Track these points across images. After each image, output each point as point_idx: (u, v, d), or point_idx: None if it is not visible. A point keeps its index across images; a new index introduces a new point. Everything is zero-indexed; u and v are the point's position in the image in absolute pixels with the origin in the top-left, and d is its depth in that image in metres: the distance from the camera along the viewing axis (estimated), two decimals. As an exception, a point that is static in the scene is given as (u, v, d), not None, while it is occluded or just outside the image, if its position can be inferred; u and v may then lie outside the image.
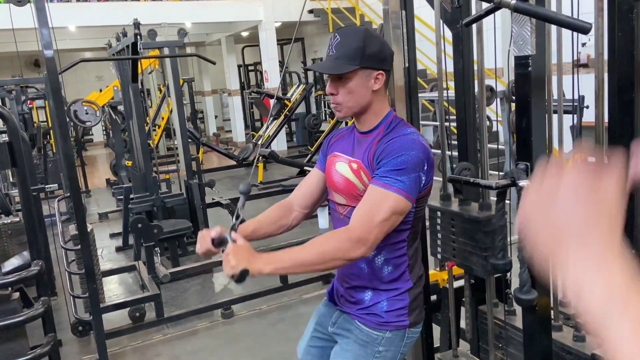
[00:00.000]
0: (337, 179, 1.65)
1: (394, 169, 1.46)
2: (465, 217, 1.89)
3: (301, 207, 1.76)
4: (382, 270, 1.61)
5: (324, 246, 1.42)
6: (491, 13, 1.66)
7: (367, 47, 1.50)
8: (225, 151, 9.57)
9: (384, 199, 1.44)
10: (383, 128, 1.58)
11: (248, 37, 13.03)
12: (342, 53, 1.51)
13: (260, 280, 4.38)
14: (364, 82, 1.53)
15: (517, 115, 1.62)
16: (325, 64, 1.55)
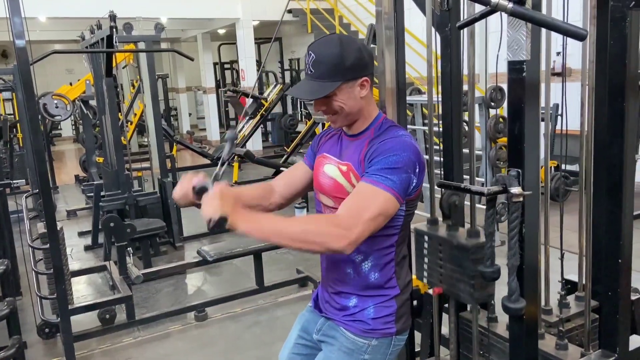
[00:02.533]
0: (325, 181, 1.60)
1: (386, 167, 1.42)
2: (453, 243, 1.87)
3: (281, 195, 1.71)
4: (368, 276, 1.57)
5: (308, 225, 1.38)
6: (486, 16, 1.64)
7: (345, 59, 1.44)
8: (200, 149, 9.42)
9: (373, 196, 1.39)
10: (373, 130, 1.55)
11: (225, 34, 12.89)
12: (321, 72, 1.45)
13: (236, 282, 4.31)
14: (350, 93, 1.49)
15: (510, 121, 1.60)
16: (304, 87, 1.50)
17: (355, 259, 1.56)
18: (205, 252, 3.64)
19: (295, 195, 1.75)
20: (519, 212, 1.56)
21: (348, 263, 1.58)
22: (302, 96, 1.52)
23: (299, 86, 1.55)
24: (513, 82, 1.57)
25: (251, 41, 10.37)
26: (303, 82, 1.52)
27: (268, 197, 1.69)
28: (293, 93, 1.55)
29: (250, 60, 10.44)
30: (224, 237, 5.62)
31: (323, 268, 1.70)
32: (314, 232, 1.34)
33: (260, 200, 1.67)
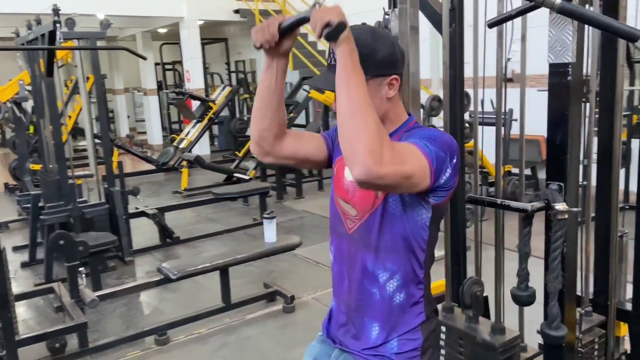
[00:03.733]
0: (349, 187, 1.41)
1: (425, 137, 1.26)
2: (477, 340, 1.70)
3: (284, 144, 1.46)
4: (393, 297, 1.38)
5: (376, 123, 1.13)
6: (523, 14, 1.48)
7: (376, 52, 1.28)
8: (142, 154, 8.92)
9: (414, 154, 1.21)
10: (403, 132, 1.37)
11: (166, 34, 12.35)
12: None
13: (198, 299, 3.99)
14: (376, 92, 1.31)
15: (551, 130, 1.45)
16: (326, 78, 1.30)
17: (380, 277, 1.37)
18: (167, 270, 3.32)
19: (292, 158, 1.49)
20: (563, 230, 1.41)
21: (373, 282, 1.38)
22: (323, 85, 1.34)
23: (320, 77, 1.37)
24: (556, 86, 1.42)
25: (197, 41, 9.96)
26: (323, 74, 1.34)
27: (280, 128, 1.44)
28: (313, 83, 1.37)
29: (195, 61, 10.02)
30: (177, 251, 5.28)
31: (340, 285, 1.47)
32: (370, 131, 1.11)
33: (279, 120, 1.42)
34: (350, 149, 1.11)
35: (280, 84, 1.37)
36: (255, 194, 5.80)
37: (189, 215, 6.41)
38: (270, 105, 1.39)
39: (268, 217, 3.70)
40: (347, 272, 1.44)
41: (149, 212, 5.15)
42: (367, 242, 1.37)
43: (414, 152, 1.21)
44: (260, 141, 1.44)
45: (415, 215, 1.32)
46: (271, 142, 1.43)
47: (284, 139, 1.45)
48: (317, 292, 4.06)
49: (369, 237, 1.36)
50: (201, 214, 6.52)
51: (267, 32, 1.27)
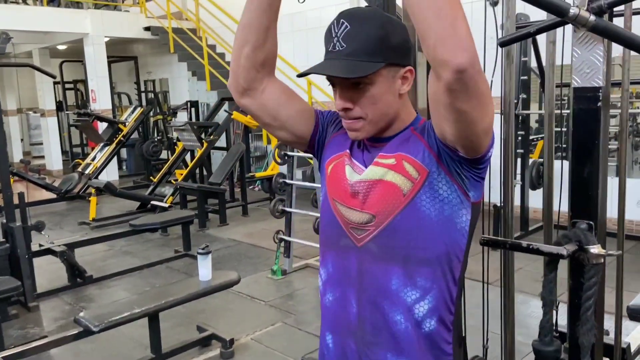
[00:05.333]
0: (358, 188, 1.13)
1: None
2: None
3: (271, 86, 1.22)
4: (422, 325, 1.10)
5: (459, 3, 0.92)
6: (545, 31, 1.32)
7: (390, 35, 1.08)
8: (41, 181, 8.07)
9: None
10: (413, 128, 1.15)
11: (66, 50, 11.45)
12: (358, 46, 1.06)
13: (120, 351, 3.50)
14: (390, 84, 1.10)
15: (577, 161, 1.29)
16: (335, 64, 1.08)
17: (407, 298, 1.09)
18: (87, 320, 2.84)
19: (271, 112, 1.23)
20: (599, 276, 1.24)
21: (397, 305, 1.10)
22: (332, 72, 1.08)
23: (325, 64, 1.10)
24: (583, 113, 1.26)
25: (103, 59, 9.28)
26: (325, 62, 1.11)
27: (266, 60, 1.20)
28: (319, 70, 1.09)
29: (102, 80, 9.32)
30: (90, 292, 4.69)
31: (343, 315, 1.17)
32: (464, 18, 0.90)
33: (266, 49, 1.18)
34: (452, 29, 0.88)
35: (276, 6, 1.16)
36: (177, 224, 5.34)
37: (101, 248, 5.78)
38: (257, 24, 1.16)
39: (203, 253, 3.33)
40: (355, 296, 1.14)
41: (56, 250, 4.54)
42: (391, 254, 1.10)
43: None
44: (238, 71, 1.19)
45: (455, 217, 1.09)
46: (252, 75, 1.19)
47: (268, 82, 1.21)
48: (257, 332, 3.71)
49: (393, 247, 1.10)
50: (114, 247, 5.91)
51: None
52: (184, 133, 7.38)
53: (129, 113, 8.39)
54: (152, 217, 5.73)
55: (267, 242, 5.52)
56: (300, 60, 7.85)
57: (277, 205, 4.75)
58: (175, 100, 10.61)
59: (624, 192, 1.52)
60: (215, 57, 8.71)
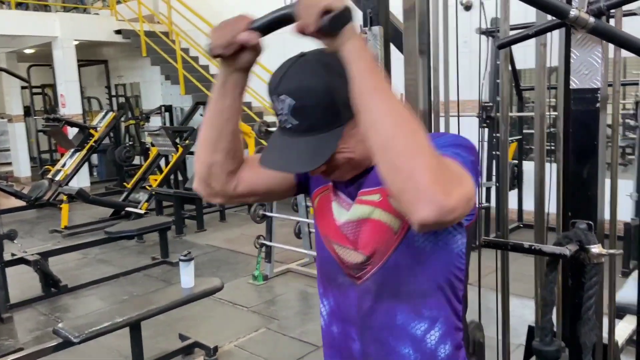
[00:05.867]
0: (347, 229, 1.08)
1: (452, 144, 0.98)
2: None
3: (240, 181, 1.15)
4: (437, 352, 1.06)
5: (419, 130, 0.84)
6: (544, 33, 1.33)
7: (339, 90, 0.94)
8: (9, 189, 7.83)
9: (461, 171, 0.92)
10: None
11: (34, 54, 11.16)
12: (311, 120, 0.96)
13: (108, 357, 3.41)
14: (356, 135, 0.98)
15: (576, 163, 1.30)
16: (290, 152, 0.98)
17: (416, 330, 1.05)
18: (67, 331, 2.75)
19: (251, 194, 1.18)
20: (600, 276, 1.26)
21: (405, 339, 1.06)
22: (291, 168, 1.01)
23: (279, 150, 1.01)
24: (581, 114, 1.28)
25: (73, 63, 9.06)
26: (282, 142, 1.00)
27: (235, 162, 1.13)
28: (273, 166, 1.01)
29: (72, 85, 9.09)
30: (65, 302, 4.56)
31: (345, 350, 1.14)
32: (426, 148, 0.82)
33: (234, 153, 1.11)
34: (411, 183, 0.79)
35: (236, 108, 1.08)
36: (154, 230, 5.24)
37: (74, 257, 5.62)
38: (222, 135, 1.08)
39: (185, 260, 3.26)
40: (358, 333, 1.10)
41: (29, 259, 4.40)
42: (392, 291, 1.05)
43: (456, 164, 0.92)
44: (208, 179, 1.12)
45: (451, 243, 1.04)
46: (223, 180, 1.12)
47: (238, 174, 1.14)
48: (240, 339, 3.66)
49: (393, 284, 1.05)
50: (88, 255, 5.77)
51: (228, 34, 0.98)
52: (158, 138, 7.26)
53: (101, 118, 8.22)
54: (128, 224, 5.62)
55: (246, 247, 5.46)
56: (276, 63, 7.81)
57: (258, 210, 4.71)
58: (147, 105, 10.44)
59: (616, 191, 1.54)
60: (189, 61, 8.60)
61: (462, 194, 0.84)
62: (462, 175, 0.90)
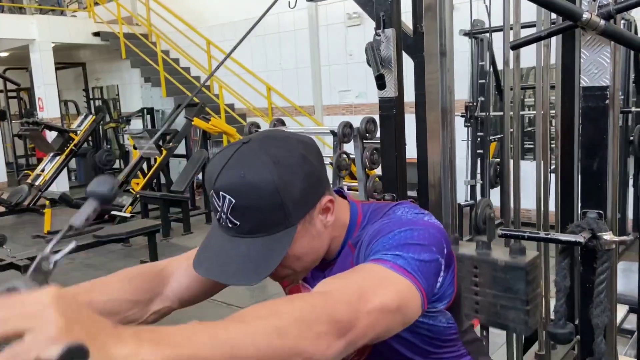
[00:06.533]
0: None
1: (398, 244, 0.84)
2: (498, 264, 1.54)
3: (178, 295, 1.03)
4: None
5: (281, 319, 0.66)
6: (556, 35, 1.41)
7: (291, 186, 0.84)
8: (-13, 195, 7.69)
9: (384, 278, 0.79)
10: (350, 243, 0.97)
11: (8, 57, 10.97)
12: (255, 222, 0.85)
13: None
14: (309, 232, 0.90)
15: (586, 157, 1.38)
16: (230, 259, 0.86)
17: None
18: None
19: (200, 296, 1.05)
20: (611, 261, 1.34)
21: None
22: (231, 280, 0.86)
23: (217, 255, 0.88)
24: (591, 111, 1.36)
25: (51, 66, 8.95)
26: (221, 244, 0.88)
27: (152, 299, 0.99)
28: (210, 274, 0.88)
29: (50, 88, 8.98)
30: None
31: None
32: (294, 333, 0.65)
33: (134, 307, 0.96)
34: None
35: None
36: (143, 233, 5.22)
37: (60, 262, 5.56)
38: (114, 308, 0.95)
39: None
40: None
41: (19, 264, 4.34)
42: None
43: (377, 275, 0.80)
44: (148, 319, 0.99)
45: (435, 327, 0.98)
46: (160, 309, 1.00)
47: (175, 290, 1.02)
48: (237, 338, 3.69)
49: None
50: (75, 260, 5.70)
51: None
52: (141, 141, 7.22)
53: (80, 121, 8.13)
54: (117, 227, 5.58)
55: (235, 248, 5.48)
56: (258, 65, 7.87)
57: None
58: (126, 108, 10.35)
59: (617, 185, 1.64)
60: (170, 63, 8.57)
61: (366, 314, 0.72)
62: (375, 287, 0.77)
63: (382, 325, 0.76)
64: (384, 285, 0.78)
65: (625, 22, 4.28)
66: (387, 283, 0.79)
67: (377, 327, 0.75)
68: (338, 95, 7.60)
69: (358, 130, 4.42)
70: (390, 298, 0.76)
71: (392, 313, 0.77)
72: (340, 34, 7.42)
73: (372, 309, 0.74)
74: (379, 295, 0.76)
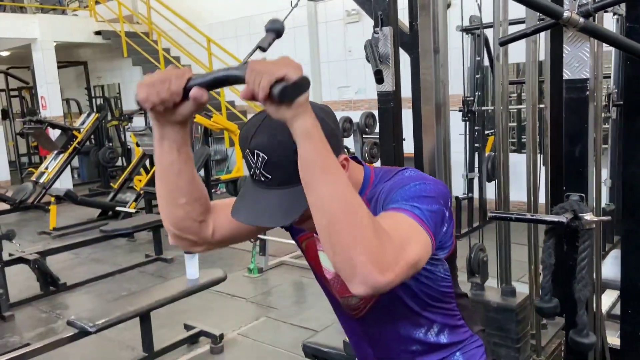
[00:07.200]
0: (334, 281, 1.21)
1: (412, 196, 1.00)
2: (491, 305, 1.69)
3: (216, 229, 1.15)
4: (439, 339, 1.22)
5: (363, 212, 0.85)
6: (540, 32, 1.52)
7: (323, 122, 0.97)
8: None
9: (414, 231, 0.96)
10: (369, 188, 1.12)
11: (10, 57, 11.06)
12: (284, 175, 0.97)
13: (108, 352, 3.52)
14: None
15: (569, 144, 1.50)
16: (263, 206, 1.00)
17: (418, 334, 1.21)
18: (82, 322, 2.86)
19: (233, 238, 1.20)
20: (592, 240, 1.46)
21: (410, 342, 1.22)
22: (267, 222, 1.01)
23: (252, 203, 1.02)
24: (572, 101, 1.48)
25: (53, 65, 9.04)
26: (255, 195, 1.01)
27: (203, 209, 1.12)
28: (248, 220, 1.02)
29: (52, 87, 9.07)
30: (65, 299, 4.64)
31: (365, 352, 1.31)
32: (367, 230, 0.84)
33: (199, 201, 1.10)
34: (347, 262, 0.84)
35: (184, 159, 1.03)
36: (147, 228, 5.33)
37: (67, 257, 5.68)
38: (179, 188, 1.06)
39: (190, 252, 3.39)
40: (370, 345, 1.28)
41: (28, 258, 4.46)
42: (389, 318, 1.19)
43: (409, 225, 0.95)
44: (182, 234, 1.11)
45: (433, 275, 1.14)
46: (196, 229, 1.12)
47: (213, 219, 1.14)
48: (242, 327, 3.81)
49: (388, 313, 1.18)
50: (81, 255, 5.82)
51: (164, 90, 0.91)
52: (144, 138, 7.32)
53: (83, 119, 8.23)
54: (122, 222, 5.70)
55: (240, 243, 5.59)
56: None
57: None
58: (128, 106, 10.45)
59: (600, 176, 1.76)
60: (171, 60, 8.67)
61: (403, 264, 0.88)
62: (409, 239, 0.93)
63: (408, 274, 0.91)
64: (412, 236, 0.94)
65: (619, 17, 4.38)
66: (414, 233, 0.95)
67: (405, 276, 0.90)
68: (337, 92, 7.71)
69: (357, 125, 4.54)
70: (416, 250, 0.93)
71: (415, 263, 0.92)
72: (339, 31, 7.53)
73: (407, 259, 0.89)
74: (410, 246, 0.92)
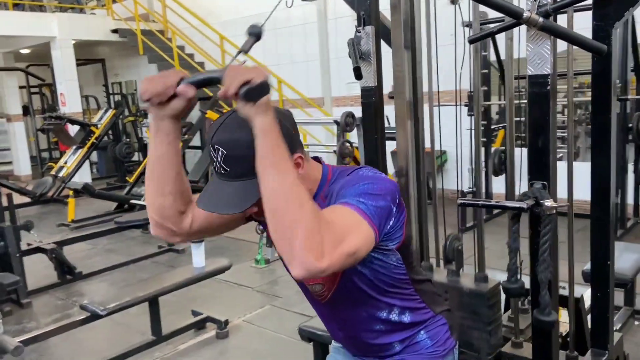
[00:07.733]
0: None
1: (360, 193, 1.12)
2: (464, 290, 1.81)
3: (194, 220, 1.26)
4: (402, 320, 1.34)
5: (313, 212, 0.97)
6: (504, 30, 1.63)
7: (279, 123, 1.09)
8: (15, 186, 8.06)
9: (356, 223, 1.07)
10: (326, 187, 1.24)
11: (30, 54, 11.36)
12: (240, 169, 1.09)
13: (121, 338, 3.69)
14: None
15: (532, 135, 1.60)
16: (221, 195, 1.12)
17: (380, 316, 1.33)
18: (93, 306, 3.04)
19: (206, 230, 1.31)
20: (553, 224, 1.56)
21: (374, 322, 1.34)
22: (222, 210, 1.13)
23: (212, 193, 1.14)
24: (536, 95, 1.58)
25: (72, 62, 9.28)
26: (216, 186, 1.14)
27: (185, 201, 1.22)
28: (208, 207, 1.14)
29: (71, 84, 9.32)
30: (80, 287, 4.84)
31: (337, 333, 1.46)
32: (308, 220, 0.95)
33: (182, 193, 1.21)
34: (287, 247, 0.96)
35: (173, 153, 1.16)
36: (160, 220, 5.50)
37: (83, 248, 5.89)
38: (167, 179, 1.17)
39: (197, 241, 3.55)
40: (338, 326, 1.42)
41: (45, 248, 4.67)
42: (351, 303, 1.31)
43: (352, 218, 1.07)
44: (162, 222, 1.22)
45: (386, 264, 1.24)
46: (176, 220, 1.22)
47: (192, 210, 1.25)
48: (248, 314, 3.97)
49: (349, 297, 1.30)
50: (97, 246, 6.05)
51: (160, 84, 1.07)
52: (158, 133, 7.51)
53: (101, 115, 8.46)
54: (136, 214, 5.89)
55: (246, 234, 5.74)
56: (270, 59, 8.09)
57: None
58: (144, 102, 10.66)
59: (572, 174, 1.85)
60: (185, 58, 8.85)
61: (340, 252, 0.98)
62: (350, 230, 1.04)
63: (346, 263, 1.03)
64: (353, 228, 1.05)
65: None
66: (355, 225, 1.06)
67: (342, 264, 1.02)
68: (346, 87, 7.81)
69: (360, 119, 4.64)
70: (355, 241, 1.04)
71: (354, 253, 1.04)
72: (349, 26, 7.61)
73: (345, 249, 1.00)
74: (349, 237, 1.02)
